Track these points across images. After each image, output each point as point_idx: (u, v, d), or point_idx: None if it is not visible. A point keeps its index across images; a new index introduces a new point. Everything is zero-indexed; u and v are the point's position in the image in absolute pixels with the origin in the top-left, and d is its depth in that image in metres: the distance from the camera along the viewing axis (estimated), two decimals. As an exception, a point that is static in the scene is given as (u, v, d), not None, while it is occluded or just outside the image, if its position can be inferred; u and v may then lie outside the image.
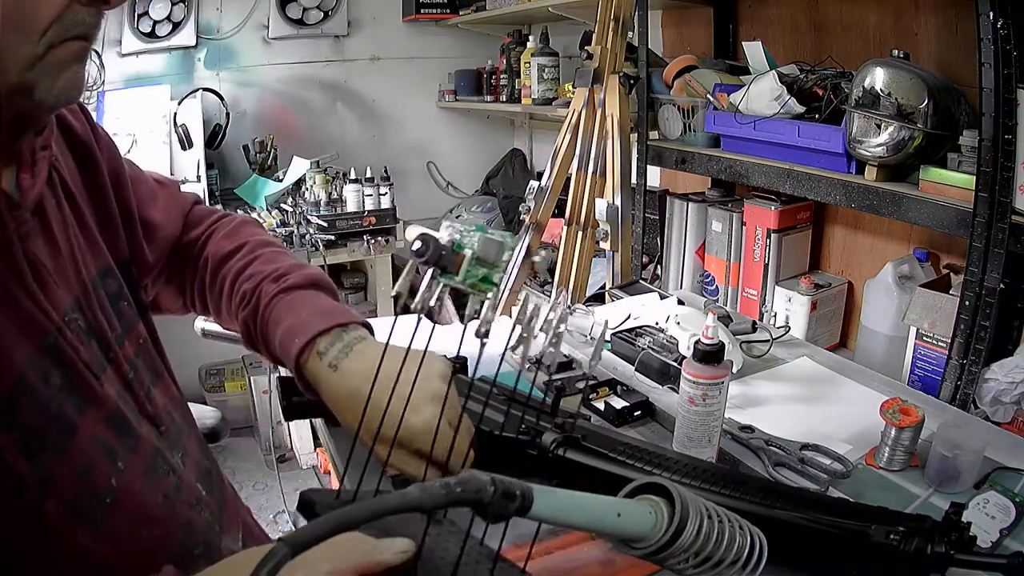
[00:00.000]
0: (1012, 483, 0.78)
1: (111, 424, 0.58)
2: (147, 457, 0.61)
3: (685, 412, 0.80)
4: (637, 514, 0.46)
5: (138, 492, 0.59)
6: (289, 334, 0.69)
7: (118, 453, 0.58)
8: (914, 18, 1.54)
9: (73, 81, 0.53)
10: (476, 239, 0.54)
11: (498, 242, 0.54)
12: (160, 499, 0.61)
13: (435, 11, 2.99)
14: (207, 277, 0.80)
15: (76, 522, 0.53)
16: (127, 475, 0.58)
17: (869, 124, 1.32)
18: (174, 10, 2.58)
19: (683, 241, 2.01)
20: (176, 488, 0.64)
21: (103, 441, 0.57)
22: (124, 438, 0.59)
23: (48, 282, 0.56)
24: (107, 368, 0.60)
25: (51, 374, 0.53)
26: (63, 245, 0.60)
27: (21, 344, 0.52)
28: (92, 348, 0.59)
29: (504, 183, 3.11)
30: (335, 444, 0.89)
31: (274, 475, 2.53)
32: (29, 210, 0.55)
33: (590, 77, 1.75)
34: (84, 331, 0.59)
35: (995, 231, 1.13)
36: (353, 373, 0.66)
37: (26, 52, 0.48)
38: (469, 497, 0.37)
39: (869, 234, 1.74)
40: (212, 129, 2.63)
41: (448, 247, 0.53)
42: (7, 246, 0.53)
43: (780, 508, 0.63)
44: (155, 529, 0.60)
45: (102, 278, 0.64)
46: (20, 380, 0.51)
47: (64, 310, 0.57)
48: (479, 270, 0.54)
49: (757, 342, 1.18)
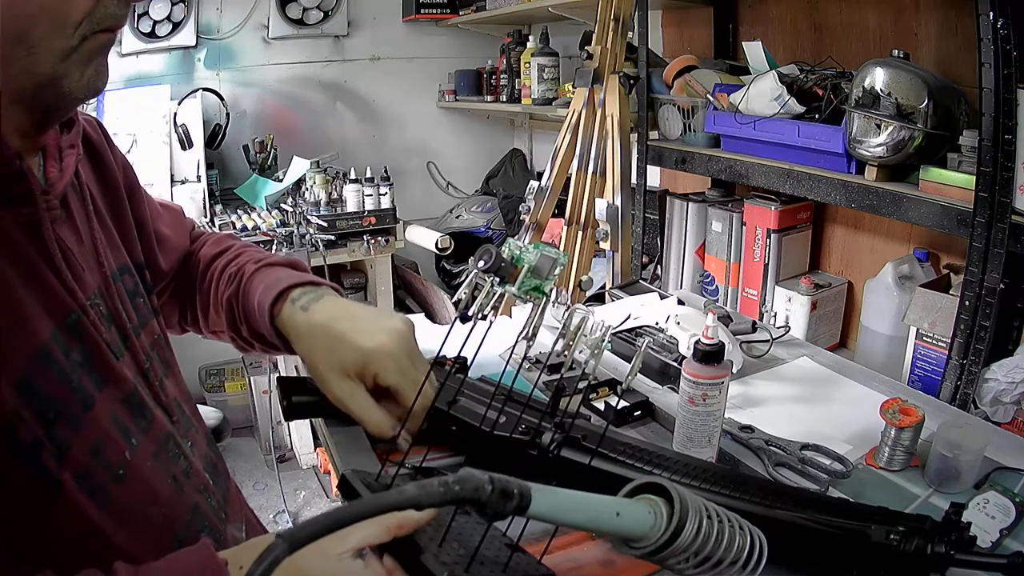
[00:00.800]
0: (1012, 483, 0.78)
1: (127, 403, 0.60)
2: (159, 439, 0.64)
3: (685, 412, 0.80)
4: (636, 514, 0.46)
5: (149, 470, 0.61)
6: (265, 291, 0.74)
7: (131, 431, 0.60)
8: (914, 18, 1.54)
9: (99, 72, 0.55)
10: (534, 255, 0.62)
11: (552, 258, 0.62)
12: (170, 480, 0.63)
13: (435, 11, 2.99)
14: (198, 278, 0.85)
15: (90, 497, 0.55)
16: (139, 453, 0.60)
17: (869, 124, 1.31)
18: (174, 10, 2.58)
19: (683, 241, 2.01)
20: (186, 472, 0.66)
21: (118, 418, 0.59)
22: (138, 419, 0.61)
23: (74, 264, 0.59)
24: (125, 353, 0.63)
25: (72, 349, 0.56)
26: (86, 238, 0.63)
27: (46, 318, 0.54)
28: (112, 333, 0.62)
29: (504, 183, 3.12)
30: (335, 444, 0.89)
31: (274, 475, 2.53)
32: (57, 198, 0.58)
33: (590, 77, 1.75)
34: (105, 317, 0.62)
35: (995, 231, 1.13)
36: (320, 311, 0.72)
37: (60, 45, 0.51)
38: (467, 496, 0.37)
39: (869, 234, 1.74)
40: (212, 129, 2.63)
41: (508, 260, 0.61)
42: (38, 226, 0.55)
43: (780, 508, 0.63)
44: (163, 508, 0.62)
45: (121, 273, 0.67)
46: (43, 352, 0.53)
47: (89, 293, 0.60)
48: (533, 281, 0.61)
49: (757, 342, 1.17)
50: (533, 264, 0.62)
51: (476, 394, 0.80)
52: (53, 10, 0.50)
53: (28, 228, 0.55)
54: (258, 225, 2.31)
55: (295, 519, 2.33)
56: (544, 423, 0.75)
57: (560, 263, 0.62)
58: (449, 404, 0.79)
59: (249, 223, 2.32)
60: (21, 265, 0.54)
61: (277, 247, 2.25)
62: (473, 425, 0.75)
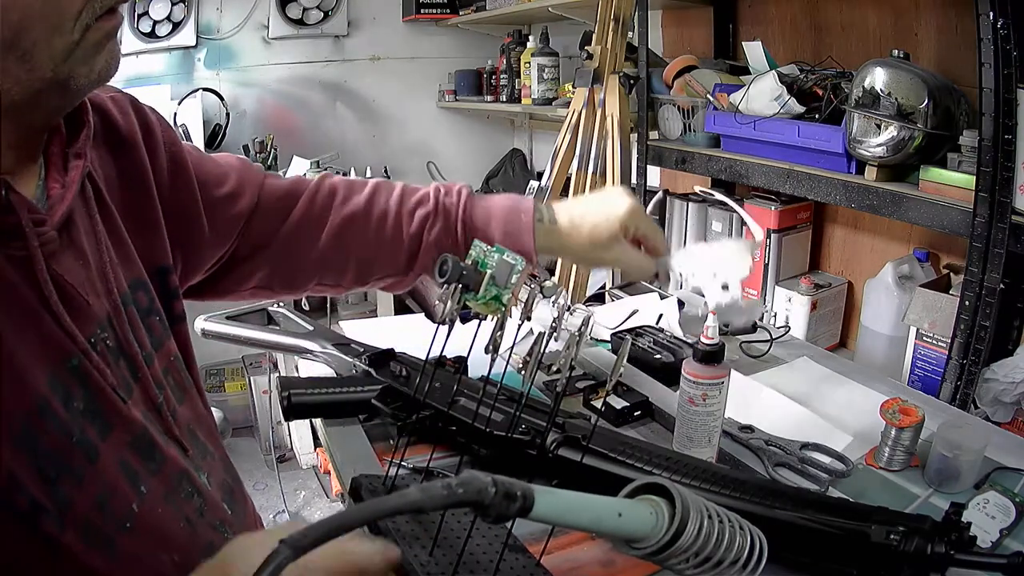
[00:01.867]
0: (1012, 483, 0.78)
1: (136, 447, 0.56)
2: (171, 480, 0.59)
3: (685, 412, 0.80)
4: (638, 514, 0.46)
5: (159, 516, 0.57)
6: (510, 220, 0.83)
7: (140, 476, 0.56)
8: (914, 18, 1.54)
9: (109, 58, 0.51)
10: (495, 260, 0.59)
11: (510, 264, 0.59)
12: (182, 523, 0.59)
13: (435, 11, 2.99)
14: (323, 239, 0.82)
15: (92, 548, 0.51)
16: (149, 499, 0.56)
17: (869, 124, 1.32)
18: (174, 10, 2.58)
19: (683, 241, 2.01)
20: (199, 511, 0.62)
21: (127, 465, 0.55)
22: (148, 461, 0.57)
23: (76, 300, 0.53)
24: (135, 389, 0.58)
25: (74, 397, 0.51)
26: (93, 260, 0.57)
27: (43, 368, 0.49)
28: (121, 368, 0.57)
29: (504, 183, 3.11)
30: (335, 444, 0.89)
31: (274, 475, 2.53)
32: (55, 226, 0.52)
33: (590, 77, 1.75)
34: (113, 350, 0.56)
35: (995, 231, 1.13)
36: (563, 212, 0.85)
37: (60, 44, 0.47)
38: (470, 498, 0.37)
39: (869, 234, 1.74)
40: (212, 129, 2.63)
41: (472, 266, 0.59)
42: (29, 264, 0.50)
43: (780, 508, 0.63)
44: (175, 554, 0.57)
45: (133, 292, 0.62)
46: (41, 405, 0.49)
47: (92, 330, 0.55)
48: (493, 290, 0.58)
49: (757, 342, 1.18)
50: (493, 270, 0.59)
51: (477, 394, 0.80)
52: (44, 12, 0.44)
53: (20, 265, 0.49)
54: (258, 225, 2.32)
55: (295, 519, 2.33)
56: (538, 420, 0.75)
57: (517, 270, 0.59)
58: (449, 404, 0.80)
59: (249, 223, 2.32)
60: (14, 309, 0.48)
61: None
62: (474, 426, 0.75)
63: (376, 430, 0.90)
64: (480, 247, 0.60)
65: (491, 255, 0.59)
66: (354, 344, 1.01)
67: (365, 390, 0.89)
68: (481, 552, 0.53)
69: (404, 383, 0.88)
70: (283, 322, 1.13)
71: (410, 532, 0.52)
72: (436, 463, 0.77)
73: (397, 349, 0.96)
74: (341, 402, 0.90)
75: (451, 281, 0.56)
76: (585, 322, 0.56)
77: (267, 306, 1.19)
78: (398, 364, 0.93)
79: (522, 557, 0.55)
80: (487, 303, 0.58)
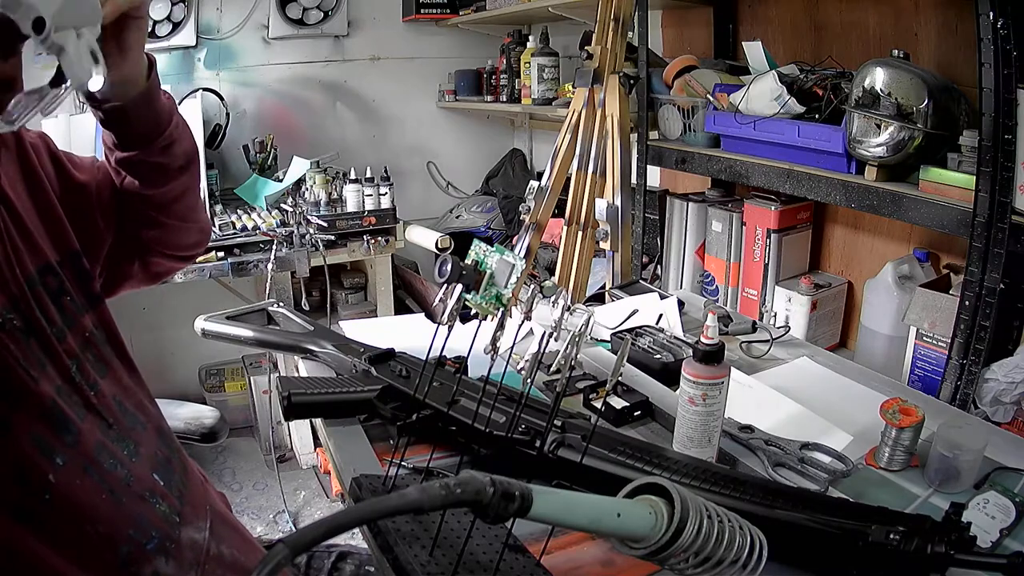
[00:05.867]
0: (1012, 483, 0.78)
1: (47, 419, 0.59)
2: (90, 451, 0.62)
3: (685, 412, 0.80)
4: (637, 514, 0.46)
5: (78, 488, 0.59)
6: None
7: (55, 449, 0.59)
8: (914, 18, 1.54)
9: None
10: (494, 260, 0.60)
11: (510, 264, 0.60)
12: (104, 495, 0.62)
13: (435, 11, 2.99)
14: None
15: (21, 524, 0.54)
16: (65, 471, 0.59)
17: (869, 124, 1.32)
18: (174, 10, 2.58)
19: (683, 241, 2.01)
20: (125, 482, 0.64)
21: (39, 438, 0.58)
22: (63, 433, 0.60)
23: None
24: (47, 365, 0.62)
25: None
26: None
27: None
28: (31, 346, 0.61)
29: (504, 183, 3.11)
30: (335, 444, 0.89)
31: (274, 475, 2.53)
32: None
33: (590, 77, 1.75)
34: (21, 330, 0.60)
35: (995, 231, 1.13)
36: None
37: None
38: (468, 498, 0.37)
39: (869, 234, 1.74)
40: (212, 129, 2.63)
41: (472, 266, 0.59)
42: None
43: (780, 508, 0.63)
44: (101, 526, 0.60)
45: (41, 276, 0.65)
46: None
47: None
48: (493, 289, 0.59)
49: (757, 342, 1.18)
50: (493, 270, 0.60)
51: (476, 394, 0.80)
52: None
53: None
54: (258, 225, 2.31)
55: (295, 519, 2.33)
56: (537, 420, 0.75)
57: (517, 269, 0.60)
58: (449, 404, 0.80)
59: (249, 223, 2.32)
60: None
61: (277, 247, 2.25)
62: (474, 426, 0.75)
63: (376, 430, 0.90)
64: (480, 247, 0.60)
65: (491, 255, 0.60)
66: (354, 344, 1.01)
67: (365, 390, 0.89)
68: (481, 552, 0.53)
69: (404, 383, 0.88)
70: (283, 322, 1.13)
71: (410, 532, 0.52)
72: (436, 463, 0.77)
73: (397, 349, 0.96)
74: (341, 402, 0.90)
75: (451, 281, 0.57)
76: (585, 322, 0.56)
77: (267, 306, 1.19)
78: (398, 364, 0.93)
79: (522, 557, 0.55)
80: (487, 303, 0.58)
